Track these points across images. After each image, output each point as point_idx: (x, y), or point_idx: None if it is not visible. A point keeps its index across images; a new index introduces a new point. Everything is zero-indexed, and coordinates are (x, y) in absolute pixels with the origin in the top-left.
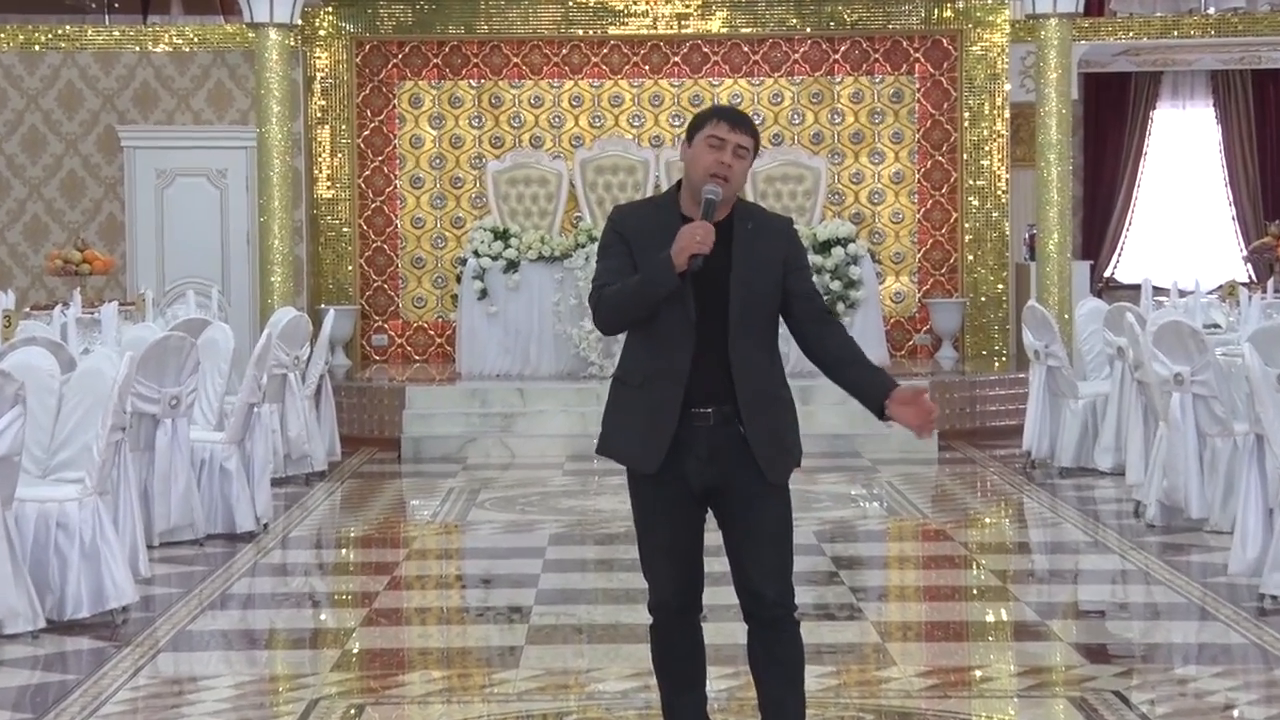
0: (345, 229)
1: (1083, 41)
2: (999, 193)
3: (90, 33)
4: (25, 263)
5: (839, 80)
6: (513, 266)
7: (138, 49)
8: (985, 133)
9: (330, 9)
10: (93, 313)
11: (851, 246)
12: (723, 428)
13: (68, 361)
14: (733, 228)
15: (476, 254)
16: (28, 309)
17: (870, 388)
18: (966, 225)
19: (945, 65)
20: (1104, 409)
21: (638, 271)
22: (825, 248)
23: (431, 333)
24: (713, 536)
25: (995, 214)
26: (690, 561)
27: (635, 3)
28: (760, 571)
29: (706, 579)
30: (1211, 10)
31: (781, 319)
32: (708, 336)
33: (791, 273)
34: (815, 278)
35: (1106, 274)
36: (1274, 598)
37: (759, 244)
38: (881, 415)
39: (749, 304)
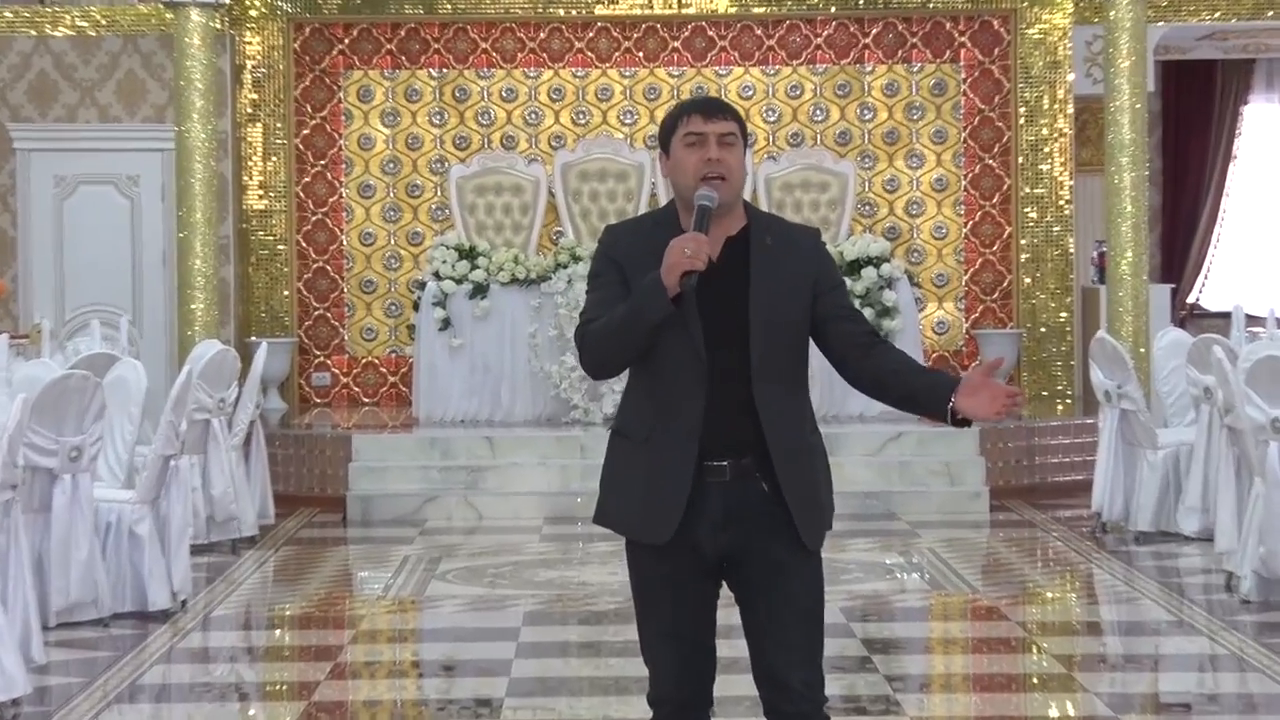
0: (280, 246)
1: (1160, 23)
2: (1061, 203)
3: None
4: None
5: (870, 69)
6: (481, 291)
7: (33, 33)
8: (1045, 131)
9: None
10: None
11: (885, 267)
12: (740, 484)
13: None
14: (749, 243)
15: (437, 276)
16: None
17: (931, 390)
18: (1023, 241)
19: (997, 51)
20: (1188, 462)
21: None
22: (854, 269)
23: (383, 370)
24: (725, 613)
25: (1057, 228)
26: (699, 647)
27: None
28: (786, 656)
29: (718, 666)
30: None
31: (818, 349)
32: (724, 377)
33: (825, 294)
34: None
35: (1190, 300)
36: None
37: (782, 262)
38: (953, 419)
39: (773, 335)
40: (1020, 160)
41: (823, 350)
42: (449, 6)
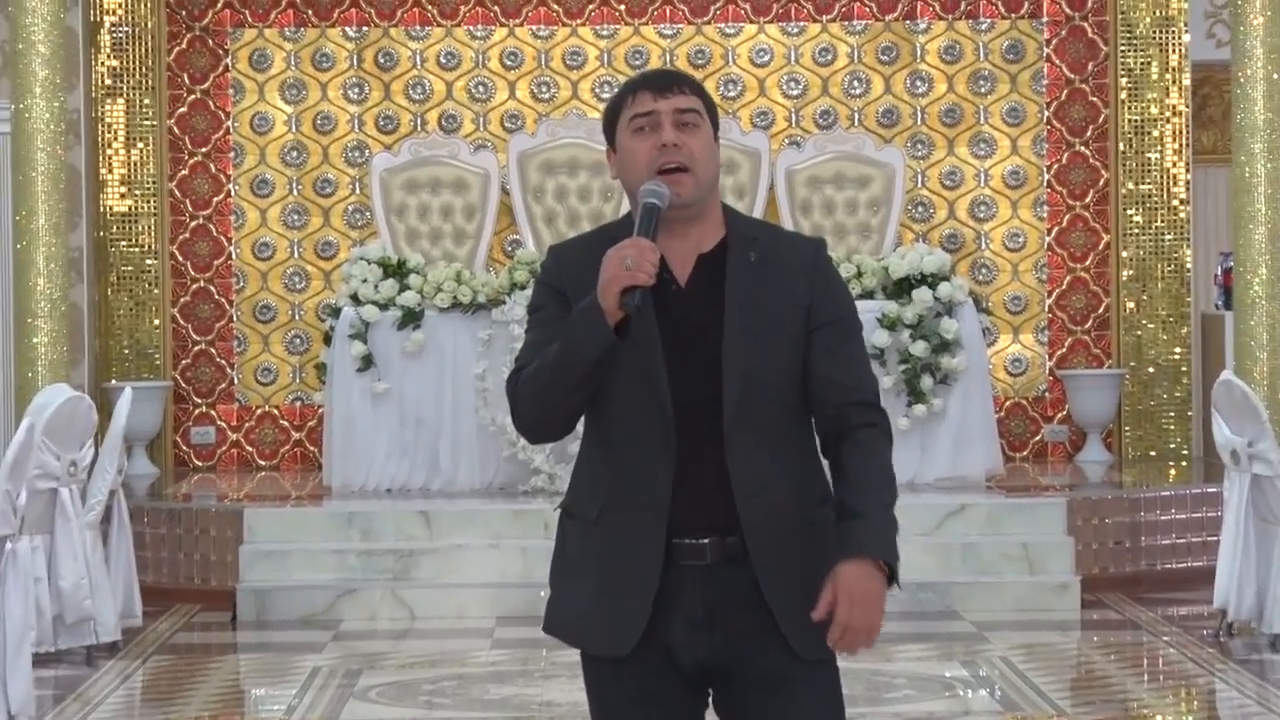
0: (150, 261)
1: None
2: (1175, 203)
3: None
4: None
5: (924, 27)
6: (413, 319)
7: None
8: (1153, 109)
9: None
10: None
11: (944, 288)
12: (726, 570)
13: None
14: (726, 260)
15: (356, 300)
16: None
17: (834, 552)
18: (1124, 254)
19: (1090, 4)
20: None
21: None
22: (903, 290)
23: (285, 424)
24: None
25: (1169, 236)
26: None
27: None
28: None
29: None
30: None
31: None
32: (696, 434)
33: (817, 330)
34: (888, 338)
35: None
36: None
37: (769, 283)
38: None
39: (756, 379)
40: (1121, 147)
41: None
42: None
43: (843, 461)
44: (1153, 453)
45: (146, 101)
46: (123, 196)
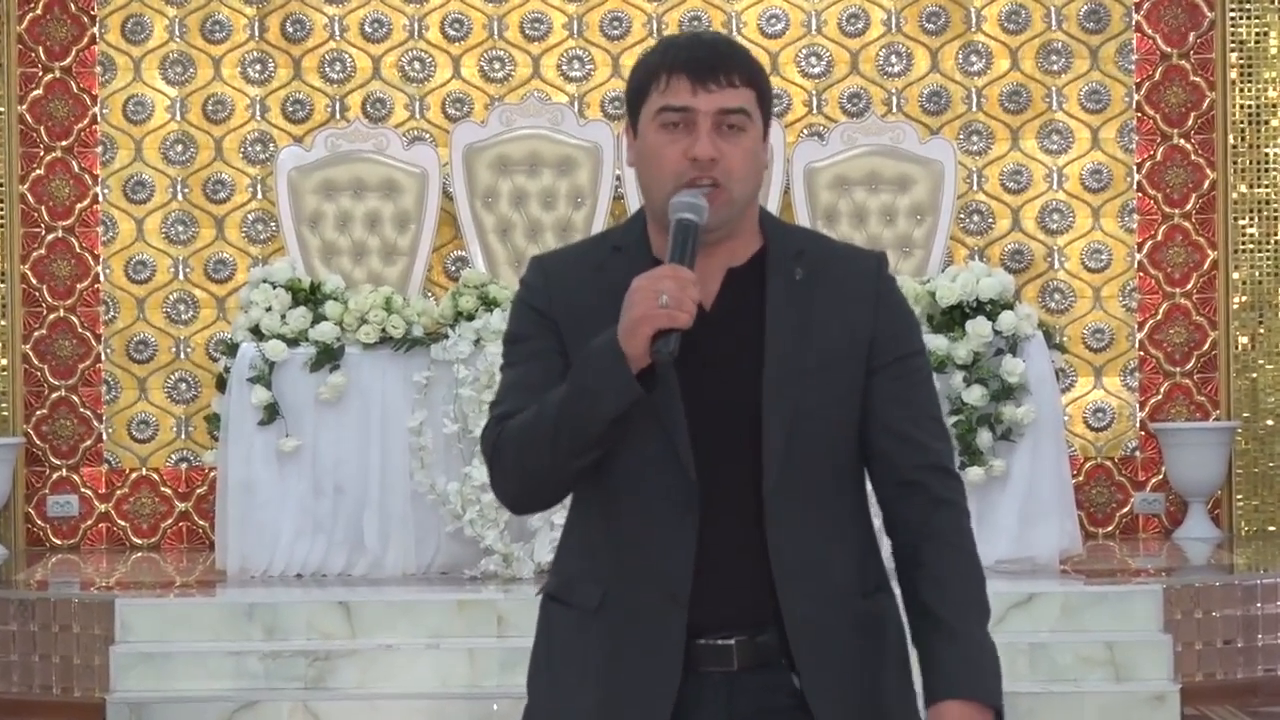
0: None
1: None
2: None
3: None
4: None
5: None
6: (330, 358)
7: None
8: (1271, 92)
9: None
10: None
11: (1007, 318)
12: (757, 676)
13: None
14: (765, 278)
15: (258, 334)
16: None
17: (928, 668)
18: (1235, 276)
19: None
20: None
21: None
22: (954, 321)
23: (168, 491)
24: None
25: None
26: None
27: None
28: None
29: None
30: None
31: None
32: (724, 500)
33: (883, 370)
34: (935, 381)
35: None
36: None
37: (820, 308)
38: None
39: (802, 429)
40: (1232, 141)
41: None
42: None
43: (922, 553)
44: (1272, 527)
45: None
46: None
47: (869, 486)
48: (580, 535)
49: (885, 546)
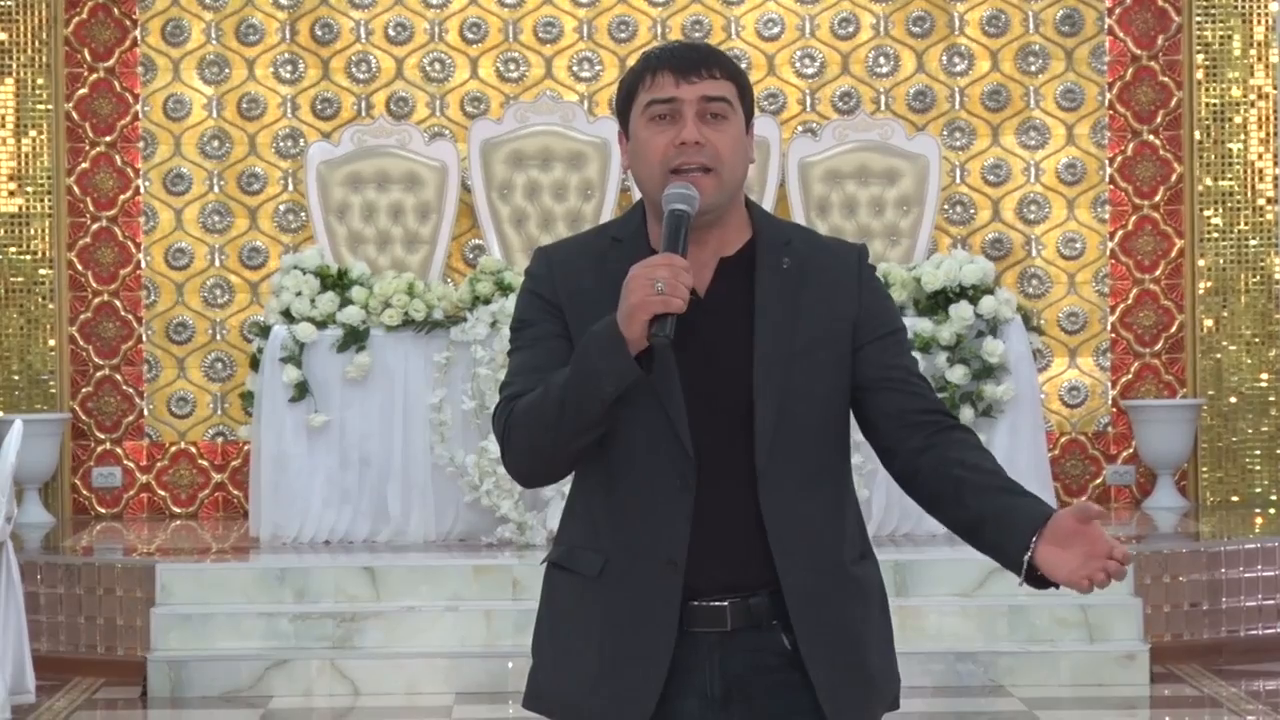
0: (43, 271)
1: None
2: (1261, 202)
3: None
4: None
5: None
6: (356, 340)
7: None
8: (1235, 91)
9: None
10: None
11: (987, 303)
12: (749, 637)
13: None
14: (755, 268)
15: (289, 317)
16: None
17: (1007, 521)
18: (1202, 263)
19: None
20: None
21: None
22: (938, 305)
23: (205, 463)
24: None
25: (1255, 242)
26: None
27: None
28: None
29: None
30: None
31: (860, 430)
32: (720, 475)
33: (869, 344)
34: (921, 361)
35: None
36: None
37: (807, 294)
38: (1029, 575)
39: (792, 410)
40: (1198, 137)
41: (864, 433)
42: None
43: (954, 455)
44: (1235, 498)
45: (40, 82)
46: (11, 195)
47: (854, 462)
48: (583, 507)
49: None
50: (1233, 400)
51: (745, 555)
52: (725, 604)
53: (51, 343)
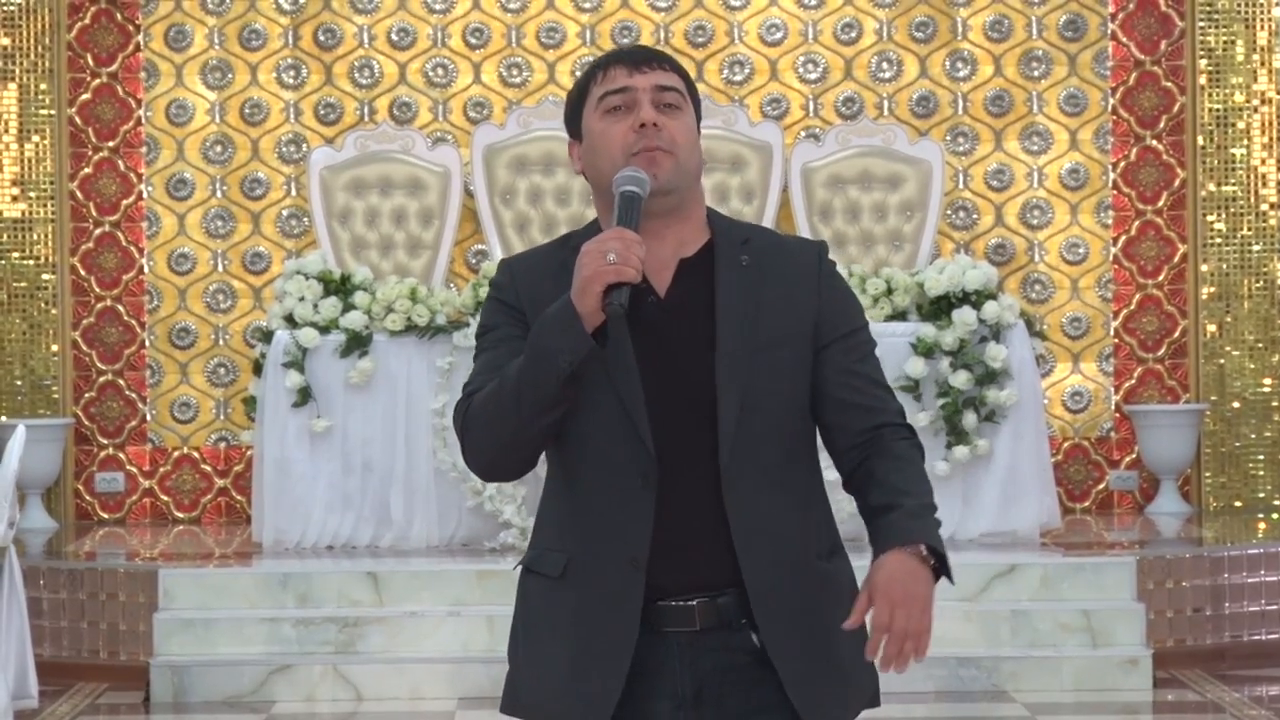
0: (46, 276)
1: None
2: (1264, 208)
3: None
4: None
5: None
6: (359, 345)
7: None
8: (1238, 96)
9: None
10: None
11: (990, 308)
12: (718, 636)
13: None
14: (715, 266)
15: (291, 322)
16: None
17: (876, 537)
18: (1205, 268)
19: None
20: None
21: None
22: (941, 310)
23: (207, 468)
24: None
25: (1258, 247)
26: None
27: None
28: None
29: None
30: None
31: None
32: (682, 471)
33: (829, 346)
34: (924, 367)
35: None
36: None
37: (767, 291)
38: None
39: (755, 404)
40: (1201, 142)
41: (821, 438)
42: None
43: (873, 470)
44: (1238, 503)
45: (43, 87)
46: (14, 199)
47: (823, 457)
48: (549, 512)
49: (839, 513)
50: (1236, 405)
51: (710, 554)
52: (694, 603)
53: (54, 348)
